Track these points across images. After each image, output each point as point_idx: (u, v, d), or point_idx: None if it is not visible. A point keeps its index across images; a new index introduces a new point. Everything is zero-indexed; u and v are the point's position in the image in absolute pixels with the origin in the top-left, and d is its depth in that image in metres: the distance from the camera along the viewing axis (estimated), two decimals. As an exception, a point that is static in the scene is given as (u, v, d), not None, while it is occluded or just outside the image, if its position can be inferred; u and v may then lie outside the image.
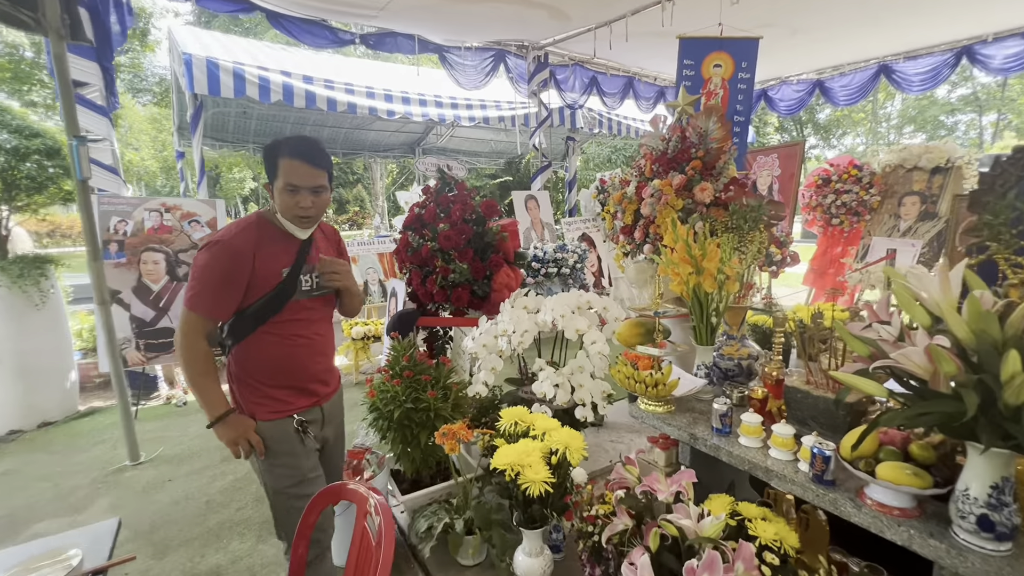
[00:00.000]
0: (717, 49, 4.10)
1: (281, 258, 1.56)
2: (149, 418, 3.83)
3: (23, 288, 3.41)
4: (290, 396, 1.62)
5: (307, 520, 1.20)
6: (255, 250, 1.50)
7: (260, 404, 1.58)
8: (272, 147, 1.51)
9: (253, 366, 1.57)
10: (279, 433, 1.59)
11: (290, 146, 1.49)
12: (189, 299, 1.47)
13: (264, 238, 1.54)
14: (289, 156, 1.48)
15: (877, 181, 5.08)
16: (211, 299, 1.47)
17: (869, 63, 6.46)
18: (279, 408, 1.60)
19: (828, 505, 1.43)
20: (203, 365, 1.50)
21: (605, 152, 15.29)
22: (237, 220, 1.58)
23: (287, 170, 1.48)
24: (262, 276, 1.52)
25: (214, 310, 1.49)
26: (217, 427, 1.52)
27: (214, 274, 1.46)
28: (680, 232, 2.01)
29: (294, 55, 5.80)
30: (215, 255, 1.46)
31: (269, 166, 1.51)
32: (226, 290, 1.48)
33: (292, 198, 1.50)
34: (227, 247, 1.47)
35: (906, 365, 1.15)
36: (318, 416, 1.71)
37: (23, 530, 2.46)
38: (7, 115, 3.42)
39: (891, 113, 22.86)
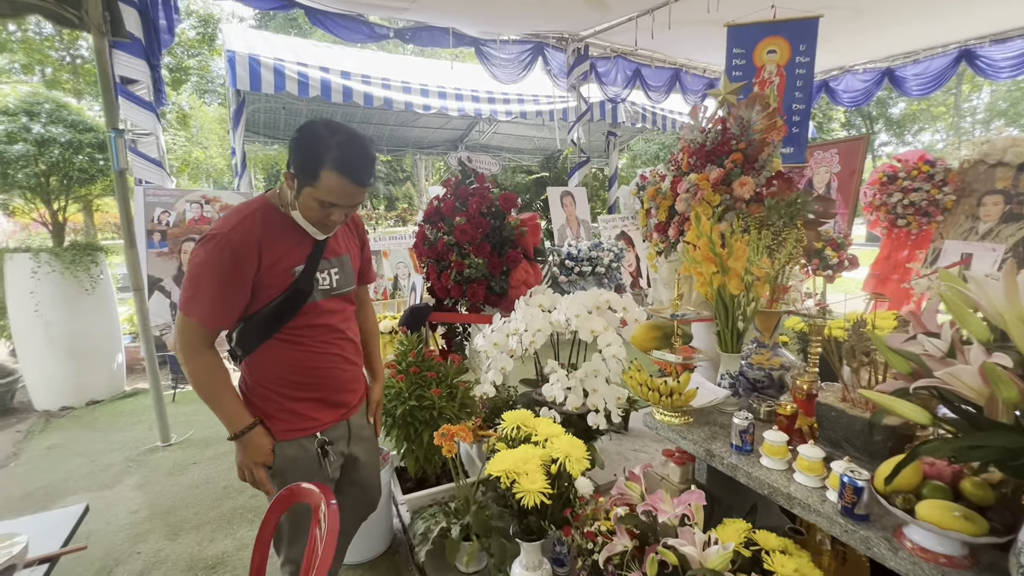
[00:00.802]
0: (771, 34, 3.80)
1: (292, 254, 1.32)
2: (185, 401, 3.99)
3: (75, 273, 3.63)
4: (314, 410, 1.42)
5: (267, 527, 1.14)
6: (260, 244, 1.26)
7: (279, 420, 1.38)
8: (314, 148, 1.21)
9: (270, 377, 1.38)
10: (298, 454, 1.40)
11: (339, 157, 1.20)
12: (184, 303, 1.24)
13: (271, 230, 1.29)
14: (337, 171, 1.20)
15: (952, 178, 4.57)
16: (210, 304, 1.24)
17: (948, 48, 5.85)
18: (301, 425, 1.40)
19: (858, 544, 1.23)
20: (210, 378, 1.30)
21: (653, 149, 14.82)
22: (238, 207, 1.31)
23: (330, 186, 1.22)
24: (270, 274, 1.29)
25: (215, 318, 1.26)
26: (237, 444, 1.35)
27: (212, 275, 1.22)
28: (704, 227, 1.82)
29: (336, 52, 5.91)
30: (212, 252, 1.22)
31: (306, 167, 1.22)
32: (227, 293, 1.25)
33: (323, 211, 1.27)
34: (226, 242, 1.22)
35: (955, 386, 0.95)
36: (344, 432, 1.52)
37: (56, 502, 2.60)
38: (64, 111, 3.65)
39: (977, 106, 20.82)
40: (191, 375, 1.29)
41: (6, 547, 0.91)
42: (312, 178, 1.22)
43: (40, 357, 3.68)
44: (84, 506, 1.16)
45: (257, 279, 1.28)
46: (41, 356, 3.68)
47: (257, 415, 1.37)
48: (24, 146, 3.44)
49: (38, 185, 3.60)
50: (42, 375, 3.75)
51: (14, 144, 3.42)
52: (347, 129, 1.26)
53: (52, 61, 12.61)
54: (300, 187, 1.25)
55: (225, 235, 1.23)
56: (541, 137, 10.40)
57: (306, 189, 1.24)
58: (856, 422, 1.46)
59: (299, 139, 1.23)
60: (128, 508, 2.55)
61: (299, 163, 1.23)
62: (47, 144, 3.49)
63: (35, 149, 3.48)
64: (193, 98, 18.40)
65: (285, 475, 1.38)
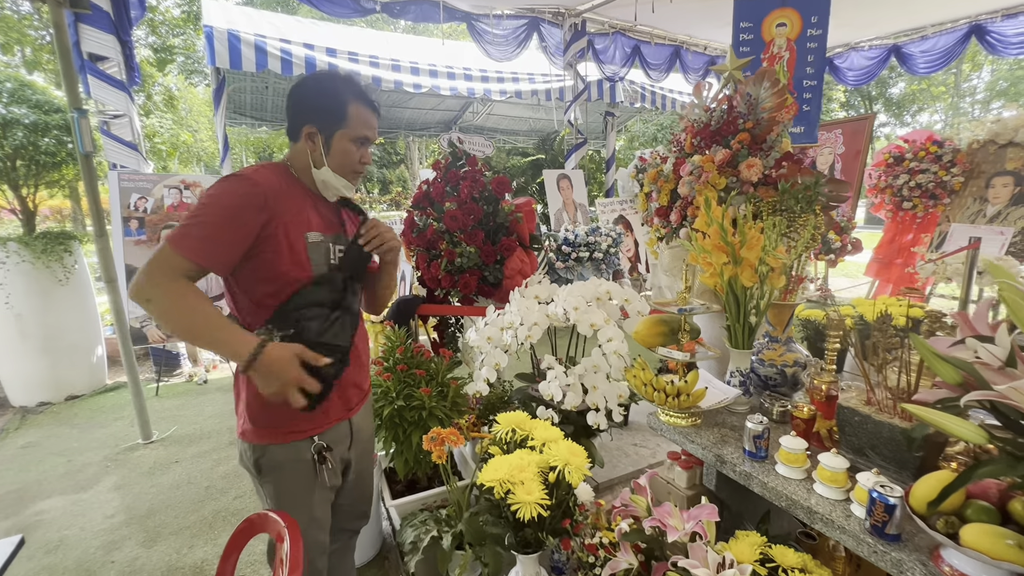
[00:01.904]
0: (780, 6, 3.58)
1: (309, 219, 1.22)
2: (169, 395, 3.85)
3: (47, 264, 3.45)
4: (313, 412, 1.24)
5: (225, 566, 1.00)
6: (279, 197, 1.16)
7: (270, 419, 1.23)
8: (331, 89, 1.19)
9: None
10: (293, 460, 1.25)
11: (356, 89, 1.21)
12: (173, 234, 1.05)
13: (290, 189, 1.21)
14: (361, 102, 1.21)
15: (960, 159, 4.42)
16: (204, 238, 1.06)
17: (958, 23, 5.64)
18: (299, 426, 1.24)
19: (889, 566, 1.11)
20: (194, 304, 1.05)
21: (651, 130, 14.55)
22: (256, 164, 1.23)
23: (361, 119, 1.21)
24: (282, 235, 1.15)
25: (206, 253, 1.07)
26: (255, 375, 1.08)
27: (215, 207, 1.09)
28: (715, 213, 1.67)
29: (322, 29, 5.64)
30: (225, 189, 1.11)
31: (330, 111, 1.19)
32: (227, 232, 1.09)
33: (358, 151, 1.24)
34: (244, 182, 1.12)
35: (1019, 402, 0.82)
36: (346, 432, 1.37)
37: (27, 507, 2.47)
38: (28, 90, 3.42)
39: (977, 86, 20.54)
40: (168, 310, 1.05)
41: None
42: (340, 119, 1.20)
43: (13, 351, 3.52)
44: (19, 538, 1.02)
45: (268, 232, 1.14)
46: (14, 350, 3.51)
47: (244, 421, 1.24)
48: (-15, 128, 3.24)
49: (3, 170, 3.39)
50: (16, 370, 3.59)
51: (-27, 126, 3.22)
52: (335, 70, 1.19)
53: (30, 40, 12.16)
54: (329, 136, 1.21)
55: (248, 175, 1.15)
56: (537, 118, 10.15)
57: (337, 133, 1.21)
58: (883, 428, 1.34)
59: (308, 92, 1.21)
60: (104, 512, 2.42)
61: (321, 112, 1.20)
62: (10, 126, 3.28)
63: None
64: (180, 79, 17.90)
65: (277, 482, 1.26)
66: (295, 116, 1.22)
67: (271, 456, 1.24)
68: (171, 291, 1.04)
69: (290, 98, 1.22)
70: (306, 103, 1.20)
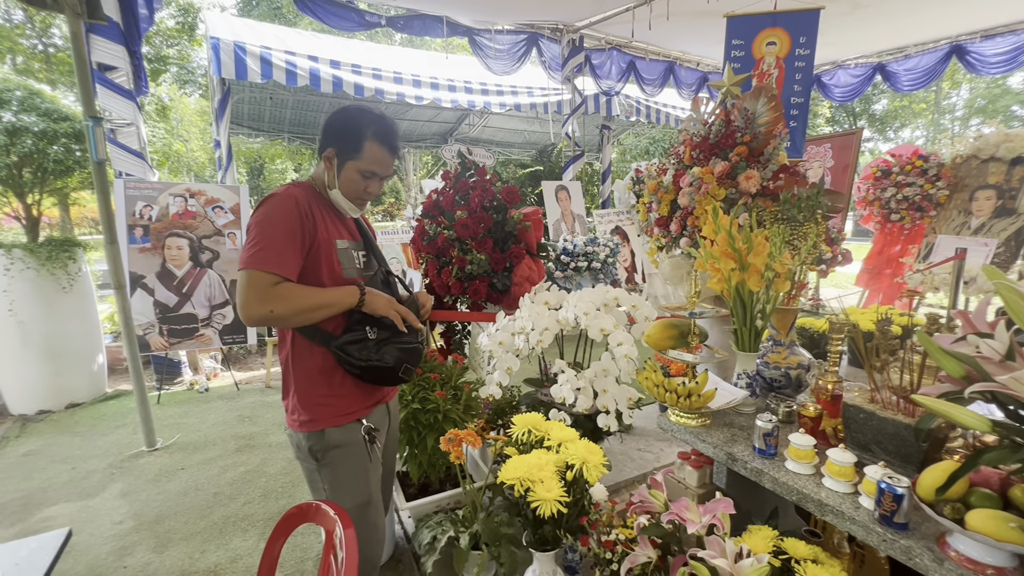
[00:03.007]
0: (770, 25, 3.74)
1: (335, 229, 1.38)
2: (171, 403, 3.84)
3: (51, 271, 3.45)
4: (358, 394, 1.40)
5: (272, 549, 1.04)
6: (313, 209, 1.31)
7: (325, 406, 1.35)
8: (356, 122, 1.32)
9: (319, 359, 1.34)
10: (348, 442, 1.37)
11: (379, 129, 1.32)
12: (250, 257, 1.19)
13: (318, 203, 1.35)
14: (378, 141, 1.32)
15: (945, 173, 4.59)
16: (275, 251, 1.21)
17: (939, 43, 5.88)
18: (349, 408, 1.38)
19: (899, 554, 1.18)
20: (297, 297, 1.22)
21: (643, 143, 14.80)
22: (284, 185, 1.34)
23: (373, 156, 1.33)
24: (321, 241, 1.31)
25: (281, 264, 1.21)
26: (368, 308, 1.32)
27: (275, 225, 1.23)
28: (722, 222, 1.75)
29: (325, 41, 5.73)
30: (274, 206, 1.25)
31: (348, 141, 1.32)
32: (292, 241, 1.24)
33: (364, 183, 1.36)
34: (289, 195, 1.27)
35: (1018, 392, 0.89)
36: (384, 415, 1.52)
37: (34, 514, 2.45)
38: (37, 98, 3.45)
39: (956, 103, 21.19)
40: (289, 312, 1.22)
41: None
42: (355, 151, 1.32)
43: (15, 359, 3.49)
44: (66, 531, 1.05)
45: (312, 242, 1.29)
46: (16, 357, 3.49)
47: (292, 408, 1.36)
48: (-7, 136, 3.25)
49: (10, 177, 3.40)
50: (17, 378, 3.56)
51: (-18, 134, 3.23)
52: (377, 109, 1.38)
53: (23, 49, 12.12)
54: (342, 163, 1.33)
55: (285, 193, 1.28)
56: (532, 131, 10.30)
57: (349, 163, 1.33)
58: (888, 424, 1.41)
59: (338, 120, 1.33)
60: (112, 519, 2.42)
61: (341, 140, 1.32)
62: (19, 134, 3.29)
63: (5, 139, 3.28)
64: (173, 89, 17.89)
65: (336, 465, 1.37)
66: (323, 138, 1.35)
67: (329, 440, 1.34)
68: (279, 298, 1.20)
69: (327, 120, 1.35)
70: (332, 129, 1.33)
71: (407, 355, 1.38)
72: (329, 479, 1.37)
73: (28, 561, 0.92)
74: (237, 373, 4.47)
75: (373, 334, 1.34)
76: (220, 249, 3.97)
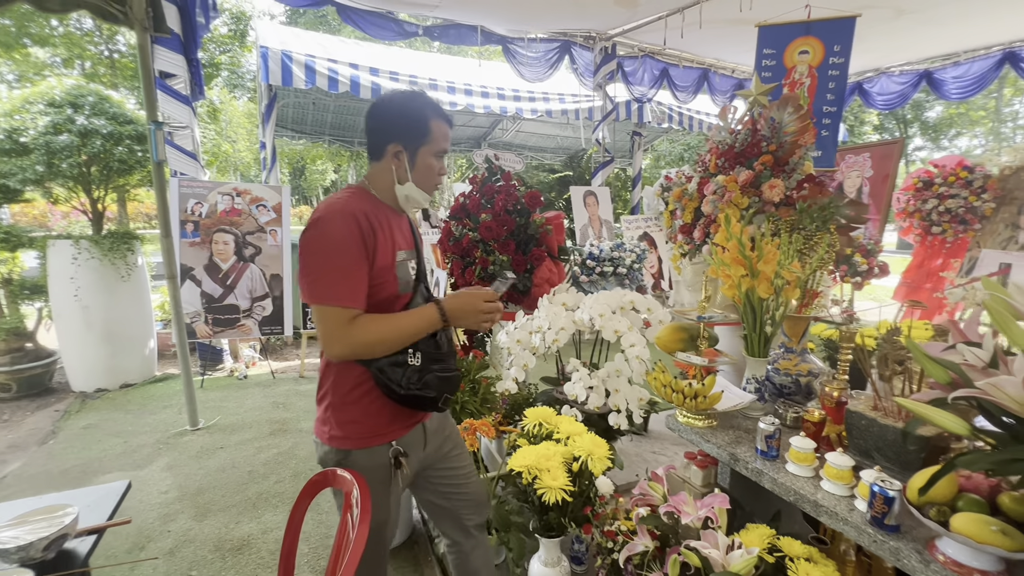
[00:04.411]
0: (803, 34, 3.72)
1: (394, 238, 1.28)
2: (213, 388, 4.10)
3: (112, 261, 3.77)
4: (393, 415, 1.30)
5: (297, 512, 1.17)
6: (372, 221, 1.20)
7: (355, 424, 1.26)
8: (417, 108, 1.26)
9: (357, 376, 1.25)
10: (373, 465, 1.28)
11: (432, 106, 1.28)
12: (323, 292, 1.13)
13: (377, 212, 1.25)
14: (439, 118, 1.28)
15: (992, 185, 4.41)
16: (348, 284, 1.14)
17: (991, 50, 5.64)
18: (380, 430, 1.28)
19: (888, 555, 1.21)
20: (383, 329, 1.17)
21: (678, 150, 14.63)
22: (334, 196, 1.24)
23: (441, 133, 1.28)
24: (380, 258, 1.21)
25: (354, 296, 1.15)
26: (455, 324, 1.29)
27: (342, 251, 1.14)
28: (734, 230, 1.80)
29: (366, 49, 5.98)
30: (337, 228, 1.14)
31: (414, 129, 1.25)
32: (359, 269, 1.17)
33: (437, 164, 1.31)
34: (347, 216, 1.16)
35: (996, 397, 0.93)
36: (420, 437, 1.39)
37: (92, 480, 2.70)
38: (106, 103, 3.78)
39: (1019, 111, 20.03)
40: (377, 342, 1.17)
41: (59, 517, 0.96)
42: (424, 135, 1.26)
43: (78, 340, 3.83)
44: (127, 482, 1.22)
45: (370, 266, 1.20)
46: (79, 339, 3.82)
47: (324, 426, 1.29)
48: (68, 137, 3.58)
49: (80, 175, 3.74)
50: (79, 358, 3.90)
51: (59, 135, 3.56)
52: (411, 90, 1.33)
53: (91, 55, 13.07)
54: (413, 152, 1.27)
55: (344, 208, 1.17)
56: (564, 136, 10.37)
57: (422, 149, 1.27)
58: (888, 431, 1.43)
59: (392, 113, 1.26)
60: (159, 488, 2.64)
61: (405, 131, 1.26)
62: (90, 135, 3.62)
63: (78, 140, 3.61)
64: (224, 92, 18.84)
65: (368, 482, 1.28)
66: (379, 136, 1.27)
67: (353, 461, 1.25)
68: (360, 334, 1.14)
69: (372, 119, 1.27)
70: (391, 123, 1.26)
71: (448, 384, 1.29)
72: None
73: (97, 504, 1.08)
74: (273, 362, 4.72)
75: (415, 359, 1.23)
76: (262, 245, 4.22)
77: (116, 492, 1.16)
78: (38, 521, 0.94)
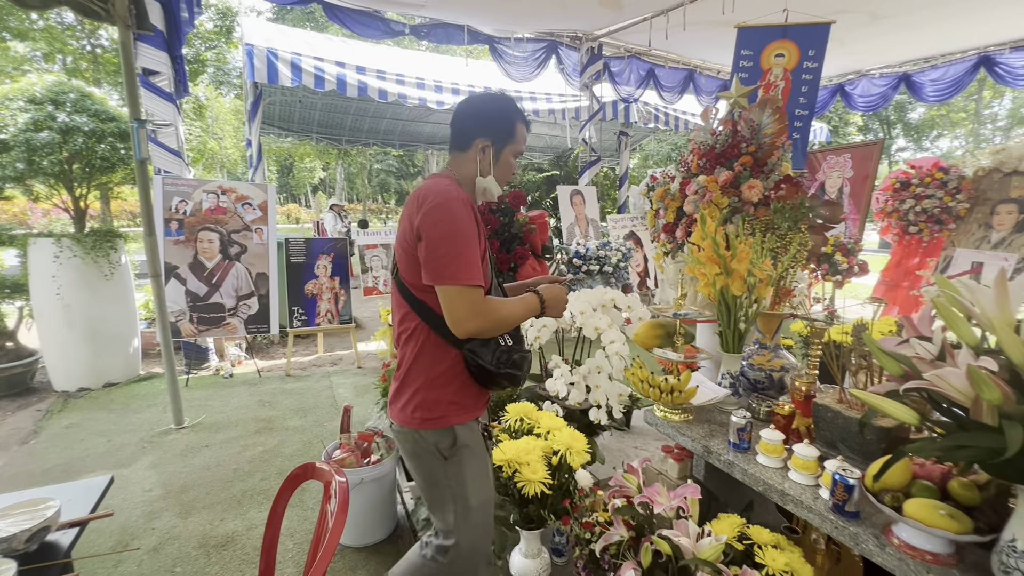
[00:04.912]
0: (780, 37, 3.79)
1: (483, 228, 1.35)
2: (198, 387, 4.09)
3: (95, 259, 3.73)
4: (478, 393, 1.37)
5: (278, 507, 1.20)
6: (473, 208, 1.28)
7: (452, 404, 1.31)
8: (508, 110, 1.37)
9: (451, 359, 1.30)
10: (473, 440, 1.35)
11: (519, 111, 1.39)
12: (457, 272, 1.17)
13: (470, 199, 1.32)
14: (523, 122, 1.40)
15: (966, 186, 4.54)
16: (476, 264, 1.20)
17: (967, 54, 5.79)
18: (471, 407, 1.35)
19: (848, 540, 1.27)
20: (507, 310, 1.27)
21: (665, 149, 14.76)
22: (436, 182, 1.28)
23: (522, 136, 1.40)
24: (481, 242, 1.28)
25: (483, 276, 1.21)
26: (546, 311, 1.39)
27: (467, 235, 1.20)
28: (709, 229, 1.86)
29: (352, 47, 5.97)
30: (457, 212, 1.20)
31: (503, 128, 1.35)
32: (478, 249, 1.23)
33: (515, 162, 1.42)
34: (462, 202, 1.22)
35: (942, 388, 0.99)
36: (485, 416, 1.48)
37: (74, 478, 2.69)
38: (88, 100, 3.74)
39: (998, 112, 20.48)
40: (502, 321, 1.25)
41: (40, 510, 0.98)
42: (510, 135, 1.37)
43: (60, 339, 3.79)
44: (109, 477, 1.23)
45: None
46: (61, 338, 3.79)
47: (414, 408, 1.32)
48: (49, 134, 3.54)
49: (61, 172, 3.70)
50: (61, 356, 3.86)
51: (40, 132, 3.52)
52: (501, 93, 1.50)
53: (72, 50, 12.84)
54: (499, 149, 1.37)
55: (456, 194, 1.23)
56: (552, 135, 10.43)
57: (507, 147, 1.37)
58: (852, 423, 1.50)
59: (484, 110, 1.36)
60: (143, 486, 2.64)
61: (496, 129, 1.35)
62: (71, 133, 3.59)
63: (59, 137, 3.58)
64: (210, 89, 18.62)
65: (464, 463, 1.33)
66: (469, 130, 1.35)
67: (460, 437, 1.31)
68: (489, 312, 1.22)
69: (463, 114, 1.36)
70: (482, 119, 1.35)
71: (527, 364, 1.38)
72: (457, 477, 1.33)
73: (79, 498, 1.10)
74: (259, 361, 4.71)
75: (506, 340, 1.32)
76: (248, 243, 4.21)
77: (98, 487, 1.18)
78: (20, 514, 0.96)
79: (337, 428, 3.33)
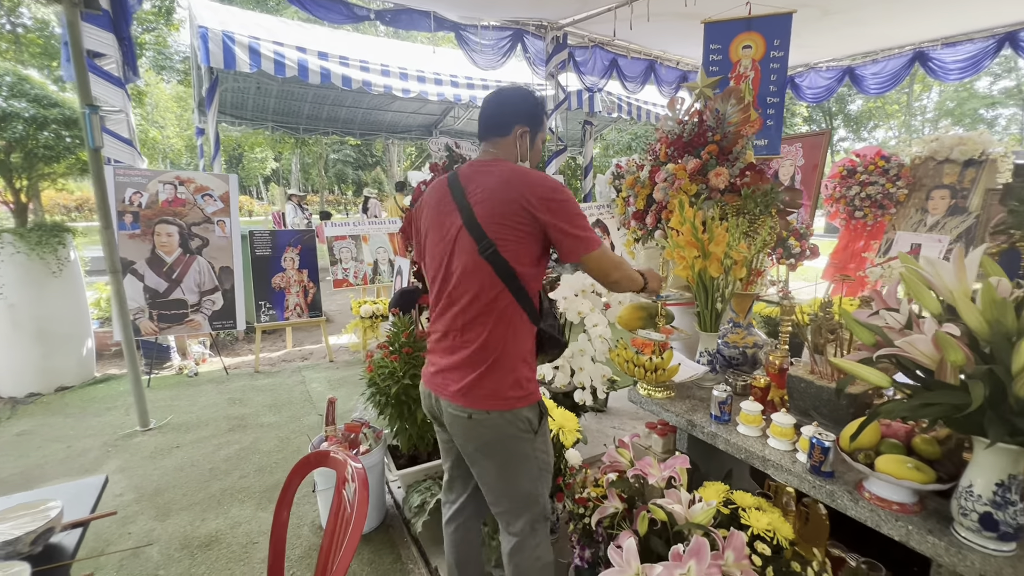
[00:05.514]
0: (745, 30, 3.94)
1: None
2: (161, 387, 3.92)
3: (41, 255, 3.49)
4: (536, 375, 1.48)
5: (290, 487, 1.20)
6: None
7: (533, 380, 1.41)
8: (538, 101, 1.49)
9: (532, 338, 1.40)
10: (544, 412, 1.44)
11: (544, 103, 1.54)
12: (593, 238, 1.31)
13: None
14: (546, 113, 1.54)
15: (905, 173, 4.88)
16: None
17: (904, 49, 6.18)
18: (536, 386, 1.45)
19: (825, 497, 1.39)
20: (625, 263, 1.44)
21: (625, 139, 15.03)
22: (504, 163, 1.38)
23: (546, 128, 1.56)
24: None
25: None
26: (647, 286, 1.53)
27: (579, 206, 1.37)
28: (687, 214, 1.94)
29: (312, 32, 5.77)
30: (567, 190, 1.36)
31: (538, 117, 1.47)
32: None
33: (542, 148, 1.55)
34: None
35: (911, 353, 1.09)
36: None
37: (35, 487, 2.53)
38: (26, 84, 3.47)
39: (927, 106, 21.98)
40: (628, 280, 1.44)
41: (43, 511, 0.94)
42: (541, 123, 1.49)
43: (5, 341, 3.54)
44: (104, 477, 1.19)
45: None
46: (6, 340, 3.53)
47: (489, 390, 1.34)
48: (-18, 121, 3.27)
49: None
50: (7, 360, 3.60)
51: (-30, 118, 3.25)
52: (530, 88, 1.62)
53: (3, 36, 11.75)
54: (534, 135, 1.47)
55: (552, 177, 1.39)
56: (517, 124, 10.42)
57: (539, 134, 1.49)
58: (823, 392, 1.62)
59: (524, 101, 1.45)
60: (112, 491, 2.52)
61: (531, 116, 1.45)
62: (9, 119, 3.32)
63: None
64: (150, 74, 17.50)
65: (545, 432, 1.45)
66: (510, 116, 1.42)
67: (542, 409, 1.42)
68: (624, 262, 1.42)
69: (502, 100, 1.44)
70: (520, 107, 1.44)
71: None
72: (544, 446, 1.43)
73: (77, 497, 1.06)
74: (225, 359, 4.55)
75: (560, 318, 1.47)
76: (209, 236, 4.04)
77: (95, 486, 1.14)
78: (20, 517, 0.92)
79: (315, 423, 3.29)
